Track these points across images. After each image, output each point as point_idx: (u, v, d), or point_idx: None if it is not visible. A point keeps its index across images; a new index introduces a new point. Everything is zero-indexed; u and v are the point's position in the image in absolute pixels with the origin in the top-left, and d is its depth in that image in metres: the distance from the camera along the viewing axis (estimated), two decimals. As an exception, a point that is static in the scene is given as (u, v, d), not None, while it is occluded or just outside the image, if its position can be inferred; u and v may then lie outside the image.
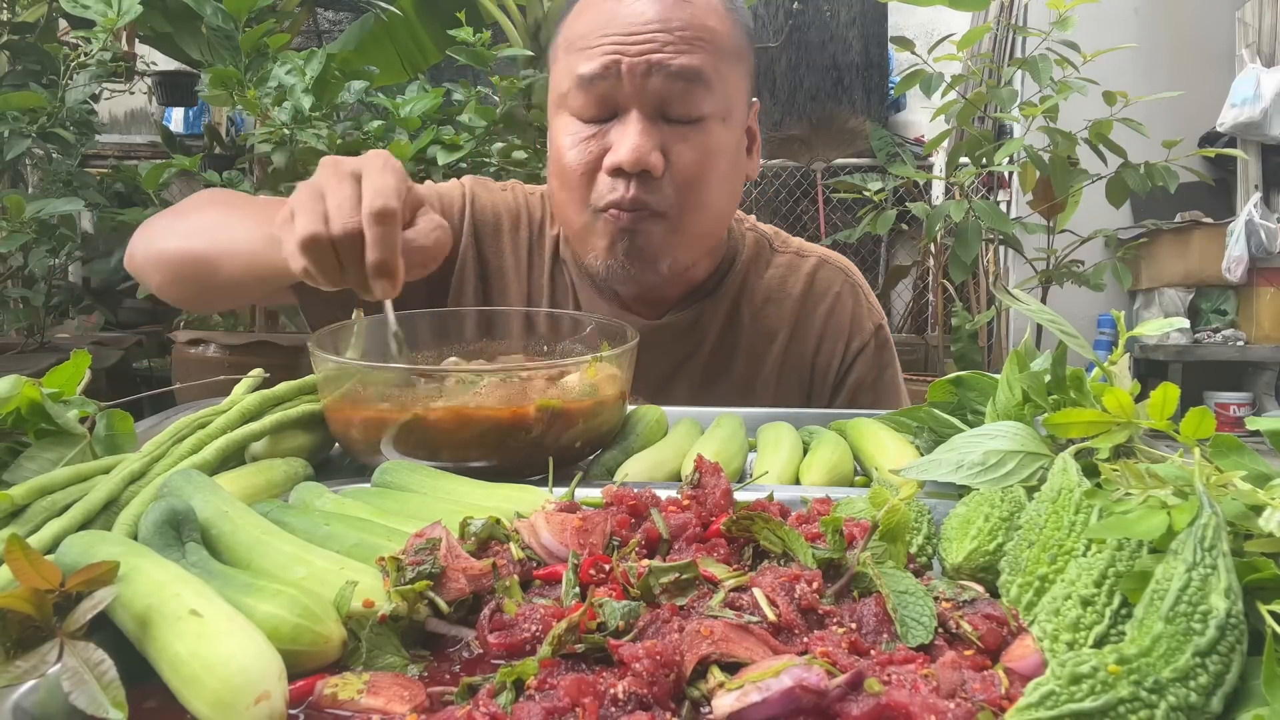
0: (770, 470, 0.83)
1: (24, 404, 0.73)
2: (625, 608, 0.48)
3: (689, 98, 1.06)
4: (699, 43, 1.07)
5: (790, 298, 1.29)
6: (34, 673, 0.43)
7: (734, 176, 1.18)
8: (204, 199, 1.19)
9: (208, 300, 1.20)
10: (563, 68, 1.11)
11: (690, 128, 1.08)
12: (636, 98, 1.05)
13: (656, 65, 1.04)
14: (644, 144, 1.04)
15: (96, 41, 2.90)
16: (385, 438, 0.79)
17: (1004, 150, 3.20)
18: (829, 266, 1.33)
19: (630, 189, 1.06)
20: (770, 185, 5.95)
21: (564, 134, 1.11)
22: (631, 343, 0.92)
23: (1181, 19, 4.96)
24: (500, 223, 1.28)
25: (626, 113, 1.06)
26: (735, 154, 1.16)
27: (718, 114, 1.10)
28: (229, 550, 0.56)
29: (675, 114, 1.07)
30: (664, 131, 1.07)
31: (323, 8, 5.07)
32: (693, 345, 1.25)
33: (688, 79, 1.06)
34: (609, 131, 1.08)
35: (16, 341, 3.26)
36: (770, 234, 1.36)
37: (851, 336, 1.29)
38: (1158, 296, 4.70)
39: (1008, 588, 0.55)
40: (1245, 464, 0.57)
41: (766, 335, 1.27)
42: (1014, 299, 0.84)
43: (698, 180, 1.09)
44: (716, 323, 1.26)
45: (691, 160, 1.08)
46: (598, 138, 1.08)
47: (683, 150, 1.08)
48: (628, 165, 1.04)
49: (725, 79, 1.10)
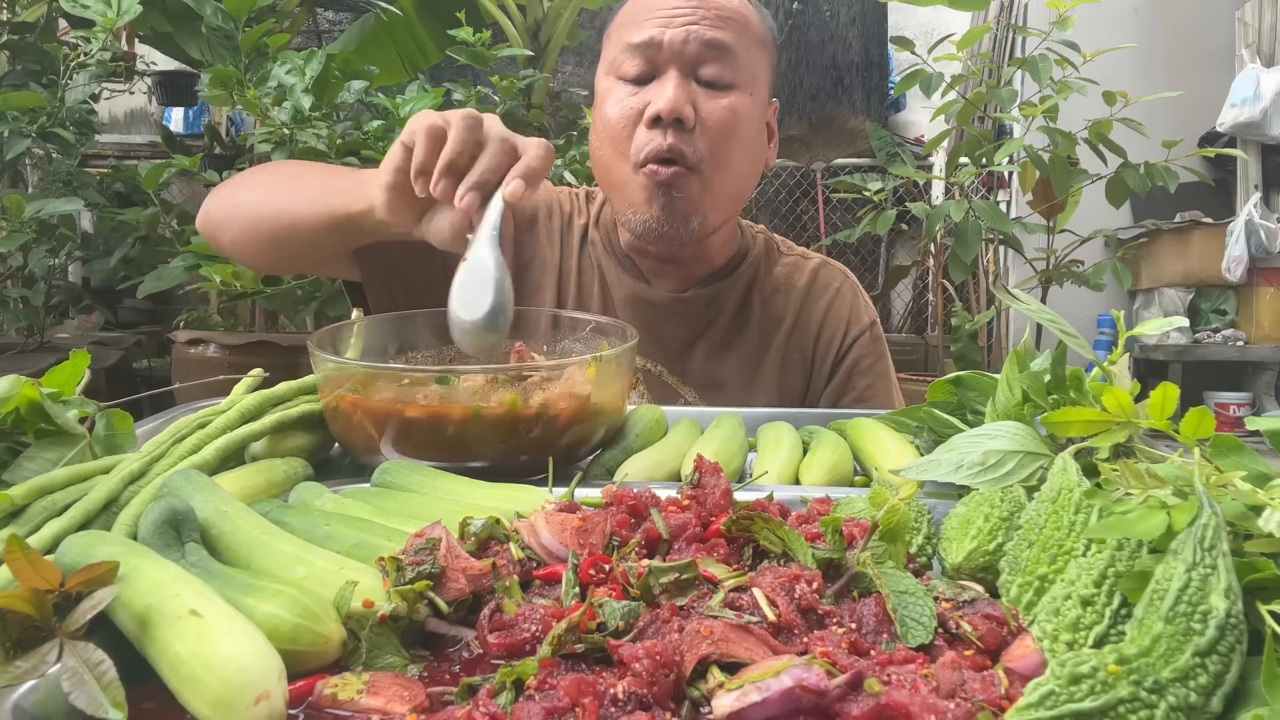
0: (770, 470, 0.83)
1: (24, 404, 0.73)
2: (625, 608, 0.48)
3: (719, 64, 1.21)
4: (731, 24, 1.23)
5: (796, 289, 1.43)
6: (34, 673, 0.43)
7: (755, 148, 1.30)
8: (281, 164, 1.31)
9: (278, 257, 1.27)
10: (615, 40, 1.28)
11: (719, 91, 1.22)
12: (675, 60, 1.20)
13: (694, 34, 1.20)
14: (679, 95, 1.18)
15: (96, 41, 2.90)
16: (385, 438, 0.79)
17: (1004, 150, 3.20)
18: (830, 267, 1.48)
19: (667, 137, 1.19)
20: (770, 185, 5.95)
21: (610, 96, 1.25)
22: (631, 342, 0.92)
23: (1181, 19, 4.96)
24: (536, 212, 1.43)
25: (665, 72, 1.21)
26: (757, 127, 1.29)
27: (743, 86, 1.24)
28: (229, 550, 0.56)
29: (707, 76, 1.21)
30: (696, 91, 1.21)
31: (323, 8, 5.07)
32: (710, 318, 1.38)
33: (719, 49, 1.21)
34: (649, 90, 1.22)
35: (16, 341, 3.26)
36: (777, 240, 1.50)
37: (850, 324, 1.43)
38: (1158, 296, 4.70)
39: (1008, 588, 0.55)
40: (1245, 464, 0.57)
41: (774, 318, 1.41)
42: (1014, 299, 0.84)
43: (724, 136, 1.22)
44: (732, 301, 1.39)
45: (719, 117, 1.21)
46: (639, 95, 1.22)
47: (712, 108, 1.21)
48: (664, 113, 1.18)
49: (752, 59, 1.25)
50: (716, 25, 1.22)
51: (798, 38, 6.19)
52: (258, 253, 1.25)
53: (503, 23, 3.84)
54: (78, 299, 3.68)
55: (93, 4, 2.75)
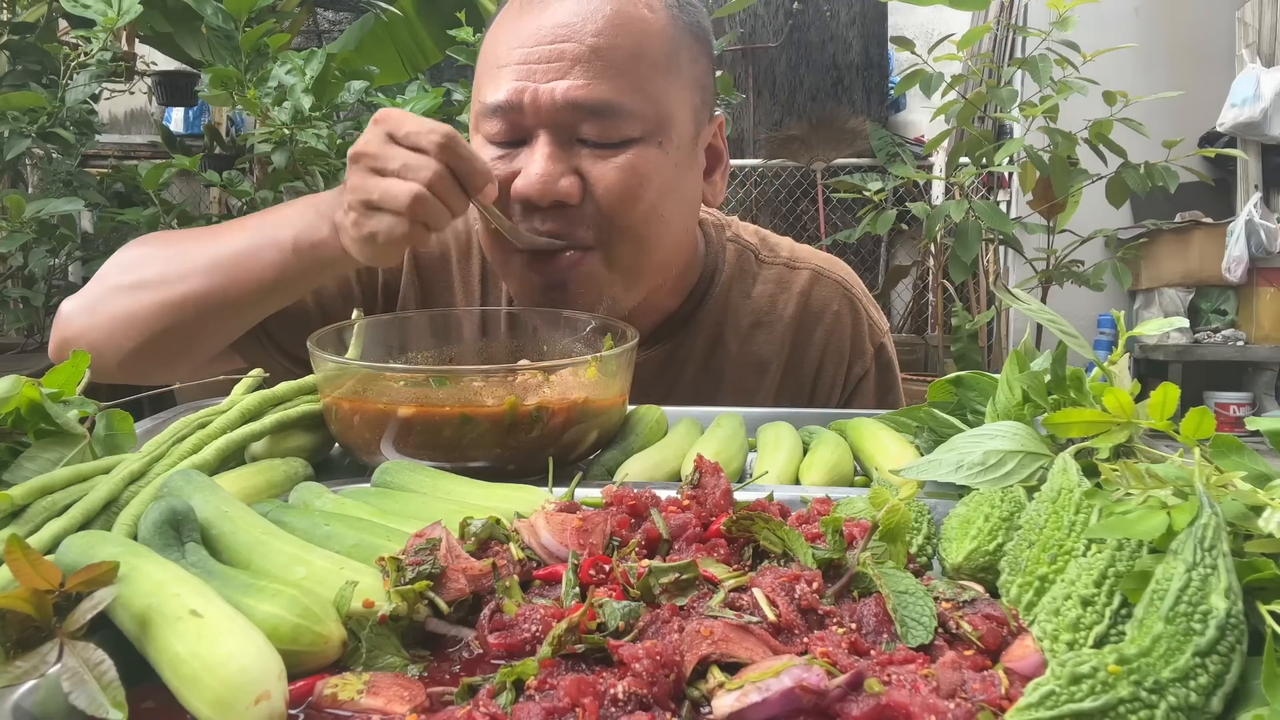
0: (770, 470, 0.83)
1: (24, 404, 0.73)
2: (625, 608, 0.48)
3: (604, 122, 0.94)
4: (615, 58, 0.94)
5: (782, 321, 1.15)
6: (34, 673, 0.43)
7: (680, 204, 1.02)
8: (145, 243, 1.08)
9: (199, 349, 1.04)
10: (476, 87, 1.03)
11: (611, 150, 0.95)
12: (543, 124, 0.94)
13: (563, 99, 0.93)
14: (551, 170, 0.93)
15: (96, 41, 2.90)
16: (385, 438, 0.79)
17: (1004, 150, 3.20)
18: (825, 281, 1.19)
19: (546, 222, 0.95)
20: (770, 185, 5.95)
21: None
22: (632, 342, 0.92)
23: (1181, 19, 4.96)
24: (448, 254, 1.16)
25: (534, 137, 0.95)
26: (677, 178, 1.01)
27: (647, 136, 0.97)
28: (229, 550, 0.56)
29: (591, 137, 0.95)
30: (580, 155, 0.95)
31: (323, 8, 5.07)
32: (669, 383, 1.12)
33: (602, 114, 0.94)
34: (520, 156, 0.96)
35: (16, 341, 3.26)
36: (755, 243, 1.21)
37: (853, 362, 1.18)
38: (1158, 296, 4.70)
39: (1008, 588, 0.55)
40: (1245, 464, 0.57)
41: (756, 364, 1.15)
42: (1014, 299, 0.84)
43: (626, 204, 0.95)
44: (696, 356, 1.14)
45: (615, 182, 0.94)
46: (506, 161, 0.97)
47: (604, 172, 0.95)
48: (534, 195, 0.93)
49: (656, 93, 0.97)
50: (594, 73, 0.93)
51: (798, 38, 6.19)
52: (172, 356, 1.03)
53: (503, 23, 3.84)
54: (78, 299, 3.68)
55: (93, 4, 2.75)
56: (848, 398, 1.19)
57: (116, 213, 3.19)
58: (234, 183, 3.05)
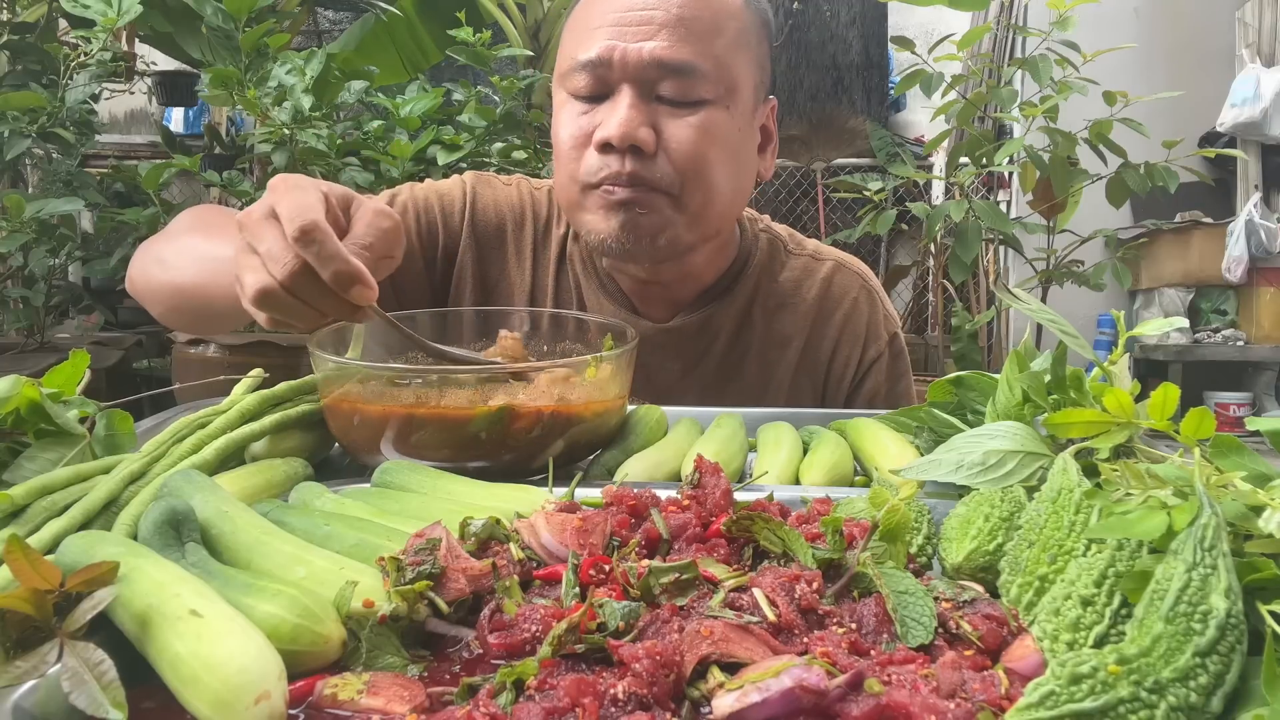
0: (770, 470, 0.83)
1: (24, 404, 0.73)
2: (625, 608, 0.48)
3: (682, 82, 1.05)
4: (698, 27, 1.05)
5: (805, 302, 1.26)
6: (34, 673, 0.43)
7: (740, 166, 1.13)
8: (186, 222, 1.15)
9: (210, 327, 1.17)
10: (565, 46, 1.12)
11: (686, 109, 1.06)
12: (629, 80, 1.05)
13: (649, 53, 1.03)
14: (632, 118, 1.03)
15: (96, 41, 2.90)
16: (385, 437, 0.79)
17: (1004, 150, 3.20)
18: (846, 271, 1.30)
19: (625, 164, 1.04)
20: (770, 185, 5.94)
21: (562, 112, 1.11)
22: (631, 343, 0.92)
23: (1181, 19, 4.96)
24: (504, 224, 1.25)
25: (618, 91, 1.05)
26: (740, 143, 1.12)
27: (717, 100, 1.07)
28: (229, 550, 0.56)
29: (669, 95, 1.06)
30: (657, 110, 1.06)
31: (323, 8, 5.07)
32: (703, 348, 1.23)
33: (679, 69, 1.04)
34: (601, 109, 1.07)
35: (16, 341, 3.26)
36: (785, 235, 1.33)
37: (868, 344, 1.27)
38: (1158, 296, 4.70)
39: (1008, 588, 0.55)
40: (1245, 464, 0.57)
41: (780, 340, 1.25)
42: (1014, 299, 0.84)
43: (695, 160, 1.06)
44: (728, 326, 1.23)
45: (686, 139, 1.05)
46: (590, 115, 1.07)
47: (677, 128, 1.05)
48: (615, 140, 1.03)
49: (729, 65, 1.08)
50: (677, 37, 1.04)
51: (798, 38, 6.18)
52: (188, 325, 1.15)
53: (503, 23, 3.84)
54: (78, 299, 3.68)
55: (93, 4, 2.76)
56: (860, 378, 1.27)
57: (116, 213, 3.20)
58: (234, 183, 3.05)
